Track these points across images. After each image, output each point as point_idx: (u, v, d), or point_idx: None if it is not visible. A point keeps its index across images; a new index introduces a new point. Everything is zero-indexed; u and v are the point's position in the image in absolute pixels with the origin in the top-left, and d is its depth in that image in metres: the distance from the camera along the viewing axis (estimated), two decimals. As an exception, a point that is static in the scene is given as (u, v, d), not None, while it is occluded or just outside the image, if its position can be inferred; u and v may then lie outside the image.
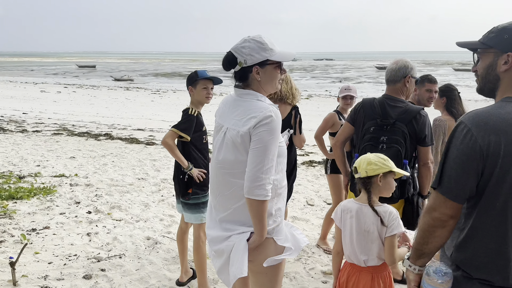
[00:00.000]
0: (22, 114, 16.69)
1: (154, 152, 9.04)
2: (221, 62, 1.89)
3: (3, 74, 56.82)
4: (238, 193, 1.79)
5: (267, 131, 1.72)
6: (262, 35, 1.86)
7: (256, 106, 1.79)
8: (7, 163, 6.77)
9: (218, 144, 1.87)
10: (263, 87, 1.87)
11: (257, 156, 1.70)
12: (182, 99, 27.63)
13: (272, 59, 1.83)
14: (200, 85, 2.91)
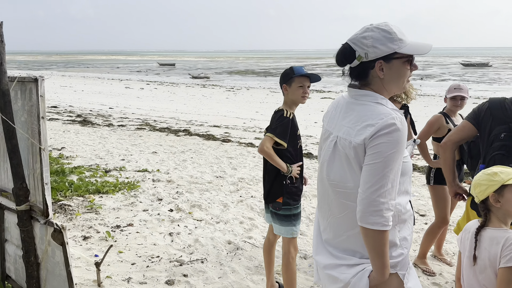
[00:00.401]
0: (108, 109, 17.88)
1: (230, 150, 9.00)
2: (335, 56, 1.55)
3: (92, 71, 62.17)
4: (353, 217, 1.44)
5: (388, 143, 1.34)
6: (389, 23, 1.48)
7: (375, 111, 1.42)
8: (94, 156, 7.11)
9: (327, 156, 1.53)
10: (386, 86, 1.49)
11: (373, 174, 1.35)
12: (256, 96, 27.78)
13: (402, 51, 1.44)
14: (296, 83, 2.57)
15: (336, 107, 1.60)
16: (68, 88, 30.04)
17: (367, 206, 1.34)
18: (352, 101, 1.52)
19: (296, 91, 2.58)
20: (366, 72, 1.49)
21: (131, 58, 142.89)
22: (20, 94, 1.85)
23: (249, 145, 9.91)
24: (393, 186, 1.36)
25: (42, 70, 64.34)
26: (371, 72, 1.48)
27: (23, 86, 1.82)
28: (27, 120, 1.81)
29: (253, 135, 12.10)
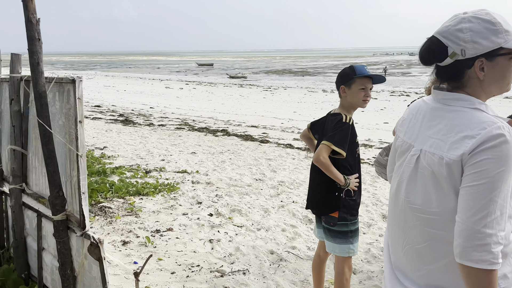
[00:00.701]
0: (149, 109, 18.22)
1: (268, 151, 8.81)
2: (419, 52, 1.27)
3: (134, 72, 64.09)
4: (438, 249, 1.18)
5: (494, 159, 1.07)
6: (489, 10, 1.20)
7: (474, 118, 1.14)
8: (135, 156, 7.14)
9: (406, 174, 1.27)
10: (485, 89, 1.21)
11: (477, 198, 1.07)
12: (293, 96, 27.45)
13: (509, 46, 1.16)
14: (357, 84, 2.29)
15: (416, 113, 1.33)
16: (111, 88, 31.04)
17: (469, 239, 1.07)
18: (440, 107, 1.24)
19: (357, 94, 2.30)
20: (461, 72, 1.21)
21: (171, 58, 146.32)
22: (58, 96, 1.74)
23: (288, 146, 9.67)
24: (502, 214, 1.08)
25: (87, 70, 67.14)
26: (468, 72, 1.19)
27: (61, 87, 1.71)
28: (65, 124, 1.69)
29: (292, 135, 11.85)
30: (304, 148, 9.49)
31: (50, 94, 1.80)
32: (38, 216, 1.95)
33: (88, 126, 11.23)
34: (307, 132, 2.61)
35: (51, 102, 1.79)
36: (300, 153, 8.78)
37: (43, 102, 1.60)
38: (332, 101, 23.87)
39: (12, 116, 2.00)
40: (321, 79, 48.13)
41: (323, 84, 40.21)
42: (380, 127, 14.92)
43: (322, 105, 21.85)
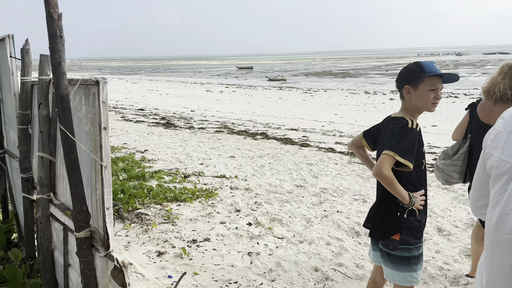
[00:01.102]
0: (190, 112, 18.40)
1: (309, 155, 8.49)
2: None
3: (177, 76, 65.61)
4: None
5: None
6: None
7: None
8: (175, 160, 7.07)
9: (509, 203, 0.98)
10: None
11: None
12: (334, 98, 26.81)
13: None
14: (426, 84, 1.95)
15: None
16: (154, 91, 31.81)
17: None
18: None
19: (425, 96, 1.95)
20: None
21: (212, 62, 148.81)
22: (84, 99, 1.58)
23: (330, 150, 9.30)
24: None
25: (132, 75, 69.58)
26: None
27: (87, 90, 1.55)
28: (91, 131, 1.53)
29: (333, 139, 11.43)
30: (347, 152, 9.07)
31: (77, 98, 1.65)
32: (64, 230, 1.81)
33: (131, 129, 11.42)
34: (359, 140, 2.27)
35: (78, 106, 1.63)
36: (342, 157, 8.39)
37: (65, 106, 1.44)
38: (375, 103, 23.04)
39: (40, 121, 1.88)
40: (363, 80, 46.92)
41: (365, 85, 39.08)
42: (428, 130, 14.11)
43: (364, 107, 21.13)
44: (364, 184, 6.08)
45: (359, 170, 7.17)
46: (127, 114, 16.38)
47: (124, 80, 49.93)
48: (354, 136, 11.72)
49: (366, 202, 4.97)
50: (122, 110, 18.03)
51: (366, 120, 16.28)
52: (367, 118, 17.03)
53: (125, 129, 11.30)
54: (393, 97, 26.49)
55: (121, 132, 10.62)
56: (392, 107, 21.23)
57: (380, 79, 47.24)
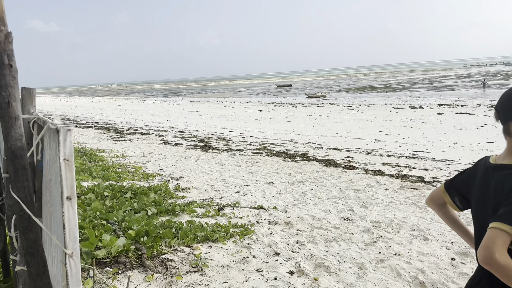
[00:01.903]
0: (229, 132, 18.16)
1: (355, 179, 7.78)
2: None
3: (217, 96, 66.59)
4: None
5: None
6: None
7: None
8: (210, 188, 6.65)
9: None
10: None
11: None
12: (377, 113, 25.72)
13: None
14: None
15: None
16: (195, 112, 32.15)
17: None
18: None
19: None
20: None
21: (251, 81, 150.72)
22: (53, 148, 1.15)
23: (378, 172, 8.53)
24: None
25: (174, 97, 71.53)
26: None
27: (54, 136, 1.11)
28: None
29: (380, 159, 10.61)
30: (397, 175, 8.27)
31: (53, 145, 1.21)
32: None
33: (169, 153, 11.24)
34: (440, 195, 1.62)
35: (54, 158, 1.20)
36: (393, 181, 7.62)
37: (18, 165, 1.01)
38: (422, 118, 21.77)
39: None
40: (407, 94, 45.19)
41: (410, 99, 37.47)
42: (485, 147, 12.90)
43: (411, 123, 19.96)
44: (422, 215, 5.33)
45: (413, 197, 6.40)
46: (166, 136, 16.38)
47: (167, 102, 51.24)
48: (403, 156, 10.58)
49: (428, 240, 4.24)
50: (162, 132, 18.11)
51: (414, 137, 15.24)
52: (415, 135, 15.95)
53: (163, 153, 11.13)
54: (441, 111, 24.97)
55: (159, 157, 10.42)
56: (441, 122, 19.89)
57: (426, 93, 45.28)
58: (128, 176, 7.11)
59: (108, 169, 7.47)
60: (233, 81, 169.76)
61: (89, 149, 10.96)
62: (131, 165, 8.62)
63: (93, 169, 7.12)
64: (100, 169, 7.31)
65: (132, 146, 12.83)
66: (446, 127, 18.30)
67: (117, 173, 7.11)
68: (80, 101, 63.23)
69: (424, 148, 12.78)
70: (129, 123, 23.63)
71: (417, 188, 7.08)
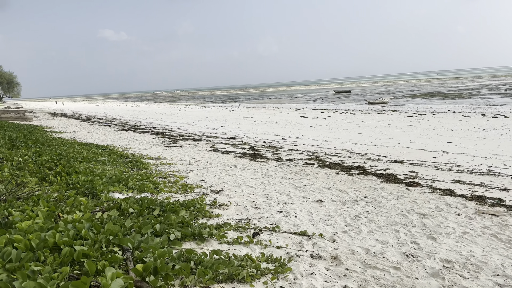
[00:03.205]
0: (281, 140, 17.48)
1: (420, 199, 6.71)
2: None
3: (273, 102, 66.31)
4: None
5: None
6: None
7: None
8: (250, 205, 5.99)
9: None
10: None
11: None
12: (445, 122, 23.62)
13: None
14: None
15: None
16: (249, 118, 31.91)
17: None
18: None
19: None
20: None
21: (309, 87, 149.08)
22: None
23: (447, 192, 7.36)
24: None
25: (232, 103, 72.48)
26: None
27: None
28: None
29: (449, 175, 9.31)
30: (471, 196, 7.05)
31: None
32: None
33: (216, 161, 10.81)
34: None
35: None
36: (466, 204, 6.45)
37: None
38: (496, 127, 19.50)
39: None
40: (478, 101, 41.61)
41: (481, 107, 34.31)
42: None
43: (484, 133, 17.91)
44: (507, 252, 4.25)
45: (493, 226, 5.25)
46: (217, 143, 16.07)
47: (224, 108, 51.86)
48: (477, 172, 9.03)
49: (521, 294, 3.23)
50: (214, 139, 17.88)
51: (488, 150, 13.47)
52: (489, 147, 14.13)
53: (209, 161, 10.71)
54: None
55: (204, 165, 10.01)
56: (505, 136, 17.62)
57: (499, 100, 41.40)
58: (166, 188, 6.68)
59: (148, 178, 7.11)
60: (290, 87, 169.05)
61: (137, 156, 10.84)
62: (173, 174, 8.25)
63: (132, 178, 6.80)
64: (139, 178, 6.97)
65: (181, 153, 12.61)
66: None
67: (155, 184, 6.72)
68: (144, 106, 66.23)
69: (501, 163, 11.14)
70: (184, 129, 23.86)
71: (496, 214, 5.88)
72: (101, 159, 9.40)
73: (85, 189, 5.46)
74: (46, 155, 8.03)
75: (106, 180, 6.15)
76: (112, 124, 27.97)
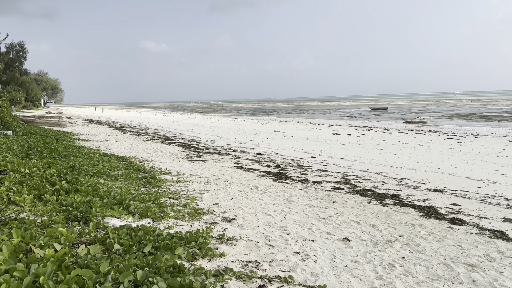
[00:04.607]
0: (310, 158, 16.55)
1: (466, 243, 5.66)
2: None
3: (306, 117, 65.24)
4: None
5: None
6: None
7: None
8: (263, 240, 5.17)
9: None
10: None
11: None
12: (489, 146, 21.84)
13: None
14: None
15: None
16: (280, 133, 31.12)
17: None
18: None
19: None
20: None
21: (344, 103, 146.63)
22: None
23: (498, 234, 6.25)
24: None
25: (264, 116, 72.04)
26: None
27: None
28: None
29: (498, 211, 8.10)
30: (529, 242, 5.91)
31: None
32: None
33: (236, 180, 10.08)
34: None
35: None
36: (525, 253, 5.34)
37: None
38: (551, 155, 17.65)
39: None
40: (525, 125, 38.90)
41: (529, 131, 31.85)
42: None
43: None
44: None
45: None
46: (243, 159, 15.37)
47: (256, 121, 51.40)
48: None
49: None
50: (240, 154, 17.21)
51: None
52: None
53: (229, 180, 10.00)
54: None
55: (223, 185, 9.30)
56: None
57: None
58: (173, 212, 6.00)
59: (156, 199, 6.47)
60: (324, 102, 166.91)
61: (154, 170, 10.30)
62: (186, 195, 7.58)
63: (138, 198, 6.17)
64: (147, 199, 6.34)
65: (203, 168, 11.99)
66: None
67: (161, 207, 6.05)
68: (178, 116, 67.02)
69: (560, 198, 9.74)
70: (212, 141, 23.40)
71: None
72: (115, 173, 8.90)
73: (79, 212, 4.86)
74: (55, 167, 7.58)
75: (107, 202, 5.54)
76: (143, 133, 28.01)
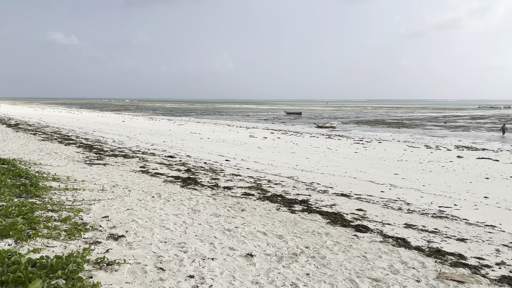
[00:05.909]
0: (224, 161, 16.03)
1: (370, 253, 5.54)
2: None
3: (224, 119, 64.98)
4: None
5: None
6: None
7: None
8: (153, 263, 4.41)
9: None
10: None
11: None
12: (390, 151, 23.48)
13: None
14: None
15: None
16: (196, 135, 30.20)
17: None
18: None
19: None
20: None
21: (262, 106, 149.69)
22: None
23: (401, 242, 6.29)
24: None
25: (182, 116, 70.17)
26: None
27: None
28: None
29: (400, 217, 8.33)
30: (427, 249, 5.99)
31: None
32: None
33: (137, 187, 9.09)
34: None
35: None
36: (424, 263, 5.33)
37: None
38: (440, 160, 19.44)
39: None
40: (420, 132, 43.15)
41: (424, 138, 35.30)
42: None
43: (429, 166, 17.64)
44: None
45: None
46: (151, 162, 14.26)
47: (172, 122, 49.61)
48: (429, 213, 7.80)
49: None
50: (149, 156, 16.03)
51: (436, 185, 12.92)
52: (436, 182, 13.63)
53: (129, 187, 8.99)
54: (460, 154, 22.64)
55: (121, 192, 8.29)
56: (463, 167, 17.52)
57: (440, 132, 43.17)
58: (46, 229, 4.95)
59: (27, 213, 5.33)
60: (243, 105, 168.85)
61: (39, 176, 8.86)
62: (71, 206, 6.48)
63: (1, 213, 5.01)
64: (15, 213, 5.18)
65: (101, 173, 10.72)
66: (470, 174, 15.95)
67: (32, 223, 4.96)
68: (86, 115, 61.94)
69: (451, 202, 10.48)
70: (120, 142, 21.69)
71: (462, 281, 4.80)
72: (-16, 179, 7.39)
73: None
74: None
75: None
76: (40, 132, 25.01)
